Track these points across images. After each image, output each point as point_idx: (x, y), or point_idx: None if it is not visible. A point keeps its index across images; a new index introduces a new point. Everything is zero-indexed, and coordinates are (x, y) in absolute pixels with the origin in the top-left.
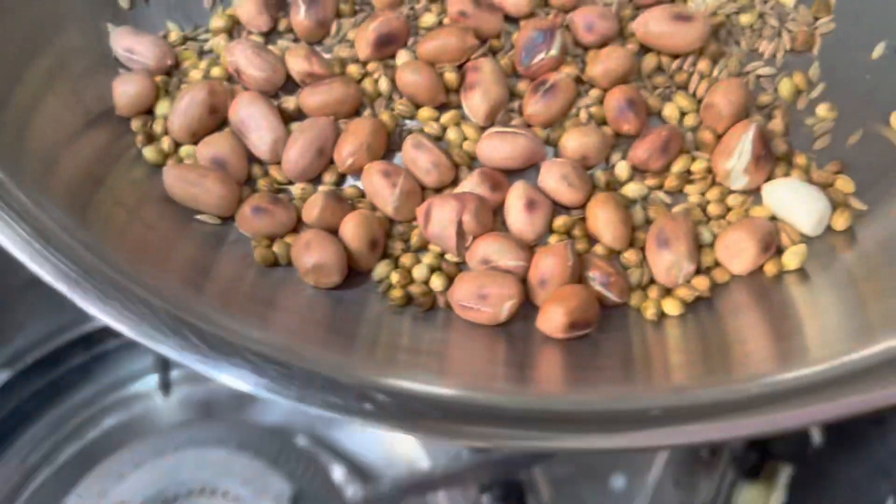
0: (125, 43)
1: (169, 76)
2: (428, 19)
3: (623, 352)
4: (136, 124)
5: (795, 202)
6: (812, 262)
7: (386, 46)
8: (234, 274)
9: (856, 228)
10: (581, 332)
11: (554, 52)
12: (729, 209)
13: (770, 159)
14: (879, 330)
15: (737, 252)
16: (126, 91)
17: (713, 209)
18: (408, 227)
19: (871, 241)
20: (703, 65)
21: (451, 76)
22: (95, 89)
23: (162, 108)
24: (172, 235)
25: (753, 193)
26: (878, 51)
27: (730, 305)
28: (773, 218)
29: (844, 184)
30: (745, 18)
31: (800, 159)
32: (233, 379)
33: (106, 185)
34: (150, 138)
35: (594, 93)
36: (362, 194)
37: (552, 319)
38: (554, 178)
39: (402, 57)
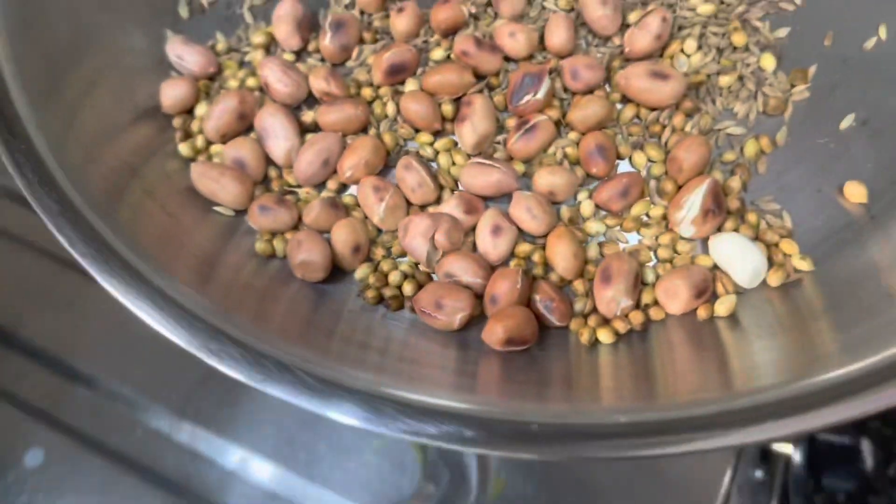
0: (177, 50)
1: (211, 80)
2: (437, 53)
3: (560, 370)
4: (177, 122)
5: (735, 256)
6: (745, 309)
7: (397, 74)
8: (238, 262)
9: (791, 285)
10: (518, 348)
11: (539, 95)
12: (677, 254)
13: (719, 214)
14: (797, 374)
15: (672, 295)
16: (172, 94)
17: (662, 253)
18: (391, 237)
19: (802, 298)
20: (677, 119)
21: (448, 108)
22: (148, 87)
23: (200, 109)
24: (192, 223)
25: (702, 242)
26: (847, 122)
27: (663, 340)
28: (715, 267)
29: (787, 246)
30: (724, 80)
31: (751, 217)
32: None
33: (140, 174)
34: (187, 135)
35: (572, 135)
36: (358, 203)
37: (492, 333)
38: (520, 209)
39: (410, 85)
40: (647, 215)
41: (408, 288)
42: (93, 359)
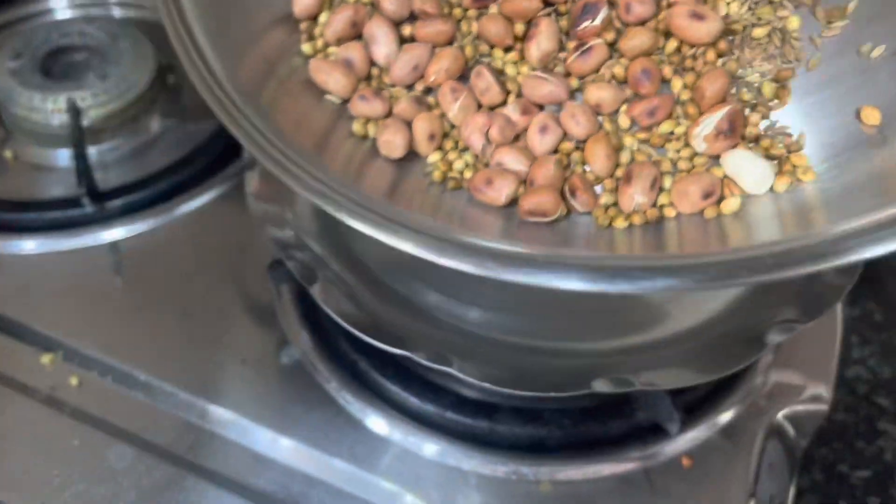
0: None
1: None
2: None
3: (581, 238)
4: (303, 26)
5: (744, 167)
6: (749, 207)
7: None
8: (340, 140)
9: (794, 190)
10: (540, 219)
11: (596, 22)
12: (693, 166)
13: (731, 136)
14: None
15: (683, 195)
16: (302, 3)
17: (682, 164)
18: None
19: (802, 199)
20: (710, 55)
21: (520, 28)
22: None
23: (323, 17)
24: (309, 108)
25: (716, 157)
26: (878, 52)
27: (673, 228)
28: (726, 177)
29: (797, 159)
30: (758, 31)
31: (765, 143)
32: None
33: (275, 68)
34: (311, 37)
35: (622, 60)
36: (438, 102)
37: (521, 206)
38: (568, 116)
39: (492, 8)
40: (673, 132)
41: (468, 174)
42: (14, 488)
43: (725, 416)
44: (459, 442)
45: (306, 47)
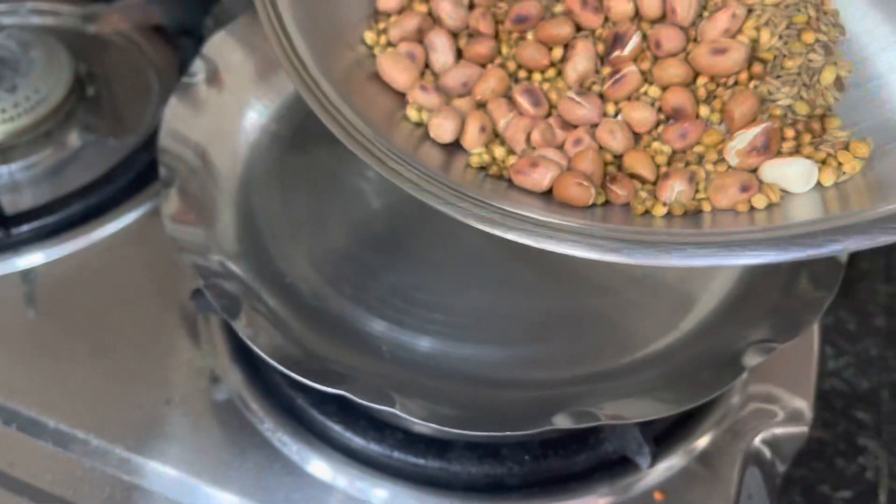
0: None
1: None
2: (558, 8)
3: (618, 219)
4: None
5: (783, 172)
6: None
7: (522, 23)
8: (401, 121)
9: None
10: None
11: (625, 53)
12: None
13: (764, 153)
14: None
15: (721, 190)
16: (384, 4)
17: (714, 176)
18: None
19: (847, 186)
20: (743, 76)
21: (557, 52)
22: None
23: (394, 17)
24: (377, 91)
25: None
26: None
27: (709, 218)
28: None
29: (843, 156)
30: (789, 63)
31: (806, 151)
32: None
33: (359, 57)
34: (379, 33)
35: (656, 84)
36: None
37: (555, 189)
38: (604, 131)
39: (529, 34)
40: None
41: (509, 161)
42: None
43: (701, 443)
44: (410, 485)
45: (369, 36)
